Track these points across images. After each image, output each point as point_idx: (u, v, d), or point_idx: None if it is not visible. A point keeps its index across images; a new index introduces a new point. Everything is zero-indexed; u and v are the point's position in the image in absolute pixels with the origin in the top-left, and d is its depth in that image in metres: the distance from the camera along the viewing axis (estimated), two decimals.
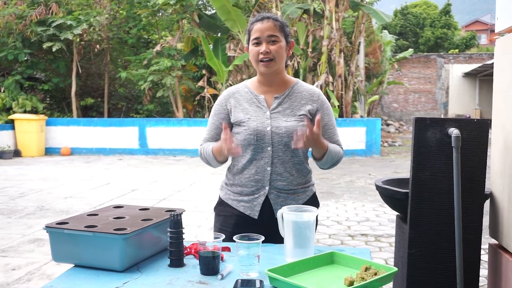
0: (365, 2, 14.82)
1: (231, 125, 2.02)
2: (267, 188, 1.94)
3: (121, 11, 14.81)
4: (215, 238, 1.55)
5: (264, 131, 1.92)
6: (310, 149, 2.05)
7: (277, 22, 1.94)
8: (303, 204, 1.96)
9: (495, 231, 2.25)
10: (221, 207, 2.06)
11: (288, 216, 1.61)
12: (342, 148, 2.05)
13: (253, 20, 1.99)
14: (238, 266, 1.51)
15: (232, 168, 2.03)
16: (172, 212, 1.59)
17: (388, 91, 23.41)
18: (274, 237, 1.76)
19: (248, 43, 2.00)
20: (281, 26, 1.95)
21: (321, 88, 12.87)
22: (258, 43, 1.92)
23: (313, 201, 2.05)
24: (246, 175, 1.96)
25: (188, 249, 1.68)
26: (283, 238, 1.68)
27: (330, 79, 13.23)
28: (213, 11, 14.65)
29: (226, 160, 2.00)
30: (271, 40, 1.91)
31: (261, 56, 1.91)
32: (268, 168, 1.93)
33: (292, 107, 1.97)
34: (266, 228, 1.87)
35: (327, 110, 2.02)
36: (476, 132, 2.09)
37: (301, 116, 1.95)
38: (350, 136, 12.46)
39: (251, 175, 1.95)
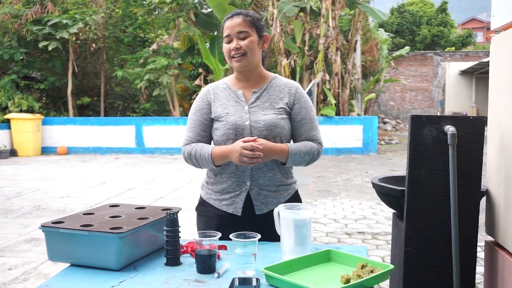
0: (361, 0, 14.82)
1: (212, 121, 1.98)
2: (248, 183, 1.92)
3: (117, 10, 14.78)
4: (208, 236, 1.53)
5: (243, 125, 1.90)
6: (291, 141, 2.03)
7: (247, 17, 1.93)
8: (285, 201, 1.95)
9: (491, 228, 2.26)
10: (203, 207, 2.02)
11: (284, 214, 1.61)
12: (320, 142, 1.99)
13: (225, 17, 1.98)
14: (235, 264, 1.51)
15: None
16: (168, 211, 1.59)
17: (385, 89, 23.44)
18: None
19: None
20: (251, 21, 1.93)
21: (318, 86, 12.88)
22: (229, 40, 1.92)
23: (295, 199, 2.02)
24: (227, 172, 1.93)
25: (184, 248, 1.68)
26: (266, 236, 1.69)
27: (327, 77, 13.24)
28: (210, 10, 14.63)
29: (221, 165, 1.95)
30: (240, 37, 1.91)
31: (232, 53, 1.91)
32: None
33: (271, 100, 1.96)
34: (250, 226, 1.78)
35: (304, 104, 1.99)
36: (472, 129, 2.09)
37: (280, 109, 1.94)
38: (347, 134, 12.47)
39: (231, 171, 1.92)
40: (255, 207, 1.93)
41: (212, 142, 2.00)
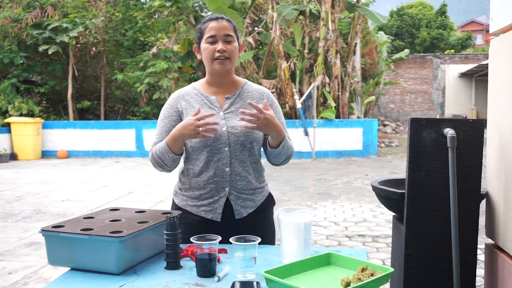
0: (361, 3, 14.85)
1: None
2: (227, 189, 1.91)
3: (117, 14, 14.80)
4: (209, 240, 1.54)
5: (220, 131, 1.89)
6: (261, 149, 2.03)
7: (230, 23, 1.95)
8: (261, 203, 1.98)
9: (491, 231, 2.26)
10: (180, 214, 2.00)
11: (284, 217, 1.61)
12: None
13: (205, 19, 1.97)
14: (235, 268, 1.51)
15: (187, 172, 1.97)
16: (169, 215, 1.59)
17: (384, 91, 23.45)
18: None
19: (199, 42, 1.97)
20: (234, 27, 1.96)
21: (317, 89, 12.89)
22: (213, 41, 1.91)
23: (270, 201, 2.05)
24: (204, 178, 1.91)
25: (184, 251, 1.68)
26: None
27: (327, 80, 13.25)
28: (209, 13, 14.66)
29: (181, 153, 1.92)
30: (227, 40, 1.91)
31: (217, 54, 1.90)
32: (227, 169, 1.90)
33: (244, 106, 1.95)
34: (230, 231, 1.79)
35: (276, 109, 2.01)
36: (472, 132, 2.10)
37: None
38: (347, 137, 12.48)
39: (209, 177, 1.91)
40: (235, 211, 1.93)
41: (185, 150, 1.97)
